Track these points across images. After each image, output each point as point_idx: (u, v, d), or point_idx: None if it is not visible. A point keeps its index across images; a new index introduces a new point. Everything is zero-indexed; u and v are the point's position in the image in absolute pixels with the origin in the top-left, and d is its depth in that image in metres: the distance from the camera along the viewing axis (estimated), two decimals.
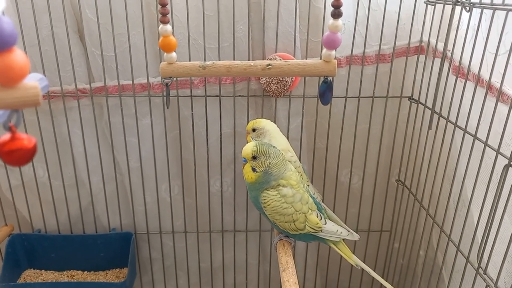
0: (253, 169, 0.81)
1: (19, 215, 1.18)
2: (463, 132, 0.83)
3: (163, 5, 0.69)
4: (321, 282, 1.31)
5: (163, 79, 0.75)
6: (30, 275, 1.17)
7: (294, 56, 1.02)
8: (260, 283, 1.29)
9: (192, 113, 1.07)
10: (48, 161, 1.10)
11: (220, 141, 1.09)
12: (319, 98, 0.75)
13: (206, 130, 1.08)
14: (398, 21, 0.98)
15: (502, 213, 0.72)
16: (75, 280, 1.17)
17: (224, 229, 1.21)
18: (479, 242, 0.78)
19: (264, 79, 1.03)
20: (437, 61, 0.93)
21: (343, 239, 0.89)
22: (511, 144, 0.71)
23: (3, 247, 1.13)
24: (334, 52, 0.68)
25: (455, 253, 0.88)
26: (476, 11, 0.79)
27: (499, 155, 0.73)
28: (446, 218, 0.93)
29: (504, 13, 0.70)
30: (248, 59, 1.02)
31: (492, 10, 0.73)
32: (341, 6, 0.63)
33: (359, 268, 0.89)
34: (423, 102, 1.00)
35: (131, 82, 1.03)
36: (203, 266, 1.26)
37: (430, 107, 0.95)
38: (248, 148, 0.81)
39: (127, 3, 0.95)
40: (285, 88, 1.03)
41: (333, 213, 0.92)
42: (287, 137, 1.03)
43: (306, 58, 1.04)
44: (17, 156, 0.34)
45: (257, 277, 1.28)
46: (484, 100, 0.76)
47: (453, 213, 0.89)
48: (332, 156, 1.12)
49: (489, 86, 0.75)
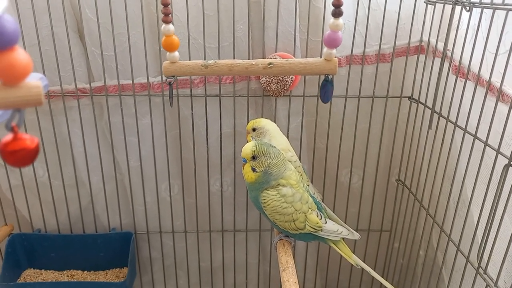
0: (253, 169, 0.81)
1: (19, 215, 1.18)
2: (463, 131, 0.83)
3: (165, 5, 0.69)
4: (321, 282, 1.31)
5: (166, 78, 0.75)
6: (30, 274, 1.17)
7: (294, 56, 1.02)
8: (260, 282, 1.29)
9: (192, 113, 1.07)
10: (48, 161, 1.10)
11: (220, 140, 1.09)
12: (319, 96, 0.75)
13: (206, 129, 1.08)
14: (398, 20, 0.98)
15: (502, 213, 0.72)
16: (75, 280, 1.17)
17: (224, 229, 1.21)
18: (479, 242, 0.78)
19: (264, 78, 1.03)
20: (437, 60, 0.93)
21: (343, 239, 0.89)
22: (511, 143, 0.71)
23: (3, 246, 1.13)
24: (335, 50, 0.68)
25: (455, 252, 0.88)
26: (476, 11, 0.79)
27: (499, 154, 0.73)
28: (446, 217, 0.93)
29: (504, 12, 0.70)
30: (248, 59, 1.02)
31: (492, 10, 0.73)
32: (341, 5, 0.63)
33: (359, 267, 0.88)
34: (423, 102, 1.00)
35: (131, 81, 1.03)
36: (203, 266, 1.26)
37: (430, 106, 0.95)
38: (248, 148, 0.80)
39: (127, 3, 0.95)
40: (285, 88, 1.03)
41: (333, 213, 0.91)
42: (287, 137, 1.03)
43: (306, 58, 1.03)
44: (19, 157, 0.34)
45: (257, 276, 1.28)
46: (484, 99, 0.76)
47: (453, 212, 0.89)
48: (332, 156, 1.12)
49: (489, 86, 0.75)
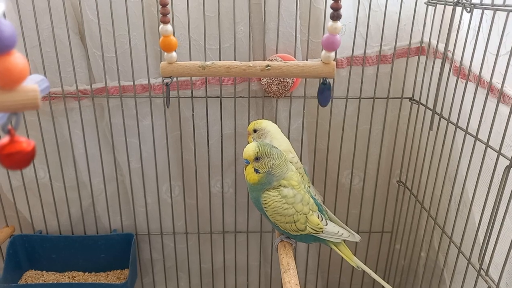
0: (256, 171, 0.80)
1: (20, 216, 1.18)
2: (464, 133, 0.83)
3: (164, 5, 0.69)
4: (322, 283, 1.31)
5: (163, 79, 0.75)
6: (31, 276, 1.17)
7: (295, 57, 1.02)
8: (261, 284, 1.29)
9: (193, 114, 1.07)
10: (49, 162, 1.10)
11: (221, 142, 1.09)
12: (317, 100, 0.74)
13: (207, 131, 1.08)
14: (398, 22, 0.98)
15: (504, 214, 0.72)
16: (76, 281, 1.17)
17: (225, 230, 1.21)
18: (481, 244, 0.78)
19: (264, 80, 1.03)
20: (438, 62, 0.93)
21: (344, 240, 0.88)
22: None
23: (4, 248, 1.13)
24: (333, 54, 0.67)
25: (457, 254, 0.87)
26: (476, 12, 0.79)
27: (500, 156, 0.72)
28: (448, 219, 0.93)
29: (505, 14, 0.70)
30: (249, 60, 1.02)
31: (492, 11, 0.73)
32: (340, 8, 0.62)
33: (360, 269, 0.88)
34: (424, 103, 1.00)
35: (132, 83, 1.03)
36: (204, 267, 1.26)
37: (431, 108, 0.95)
38: (250, 149, 0.80)
39: (128, 4, 0.95)
40: (286, 89, 1.03)
41: (334, 214, 0.91)
42: (288, 138, 1.03)
43: (306, 59, 1.04)
44: (16, 160, 0.34)
45: (258, 278, 1.28)
46: (485, 101, 0.76)
47: (454, 214, 0.89)
48: (333, 157, 1.12)
49: (490, 87, 0.75)
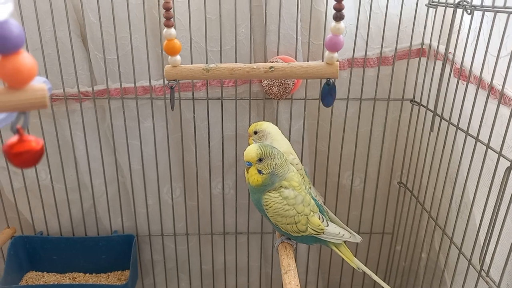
0: (259, 172, 0.80)
1: (21, 218, 1.18)
2: (465, 134, 0.83)
3: (167, 9, 0.69)
4: (322, 284, 1.31)
5: (167, 82, 0.76)
6: (32, 277, 1.17)
7: (296, 59, 1.02)
8: (262, 285, 1.29)
9: (194, 116, 1.07)
10: (51, 164, 1.10)
11: (222, 143, 1.10)
12: (321, 100, 0.75)
13: (208, 132, 1.08)
14: (399, 24, 0.98)
15: (505, 215, 0.72)
16: (77, 282, 1.17)
17: (225, 232, 1.21)
18: (481, 245, 0.78)
19: (265, 81, 1.03)
20: (439, 63, 0.93)
21: (345, 242, 0.88)
22: None
23: (6, 249, 1.13)
24: (336, 54, 0.68)
25: (457, 255, 0.87)
26: (477, 14, 0.79)
27: (501, 157, 0.73)
28: (448, 220, 0.93)
29: (506, 15, 0.70)
30: (250, 62, 1.02)
31: (493, 13, 0.73)
32: (342, 9, 0.63)
33: (360, 271, 0.88)
34: (425, 105, 1.00)
35: (133, 85, 1.04)
36: (205, 269, 1.26)
37: (432, 109, 0.95)
38: (252, 151, 0.79)
39: (130, 6, 0.96)
40: (287, 91, 1.03)
41: (335, 215, 0.91)
42: (289, 140, 1.03)
43: (307, 61, 1.04)
44: (25, 158, 0.34)
45: (258, 279, 1.28)
46: (486, 102, 0.76)
47: (455, 215, 0.89)
48: (334, 159, 1.12)
49: (490, 89, 0.75)
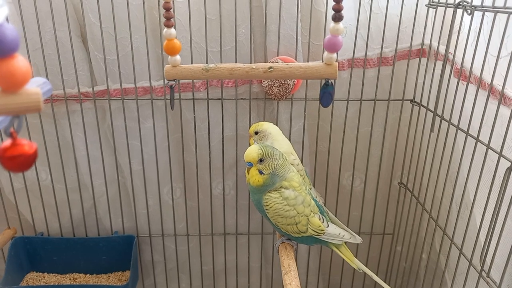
0: (260, 172, 0.80)
1: (22, 218, 1.18)
2: (465, 134, 0.83)
3: (167, 9, 0.69)
4: (323, 285, 1.31)
5: (167, 82, 0.76)
6: (32, 278, 1.17)
7: (296, 59, 1.02)
8: (262, 286, 1.29)
9: (194, 116, 1.07)
10: (51, 164, 1.11)
11: (222, 144, 1.09)
12: (319, 101, 0.75)
13: (208, 133, 1.08)
14: (399, 24, 0.98)
15: (505, 215, 0.72)
16: (78, 283, 1.17)
17: (226, 232, 1.21)
18: (482, 245, 0.78)
19: (266, 82, 1.03)
20: (439, 63, 0.93)
21: (345, 242, 0.88)
22: None
23: (6, 250, 1.13)
24: (335, 55, 0.68)
25: (458, 256, 0.87)
26: (477, 14, 0.79)
27: (501, 157, 0.72)
28: (449, 221, 0.93)
29: (506, 16, 0.70)
30: (250, 62, 1.02)
31: (493, 13, 0.73)
32: (341, 9, 0.63)
33: (361, 271, 0.88)
34: (425, 105, 1.00)
35: (133, 85, 1.04)
36: (205, 269, 1.26)
37: (432, 109, 0.95)
38: (253, 151, 0.80)
39: (130, 7, 0.96)
40: (287, 91, 1.03)
41: (335, 216, 0.91)
42: (289, 140, 1.03)
43: (308, 61, 1.04)
44: (18, 162, 0.34)
45: (259, 280, 1.28)
46: (486, 102, 0.76)
47: (455, 216, 0.89)
48: (334, 159, 1.12)
49: (491, 89, 0.75)
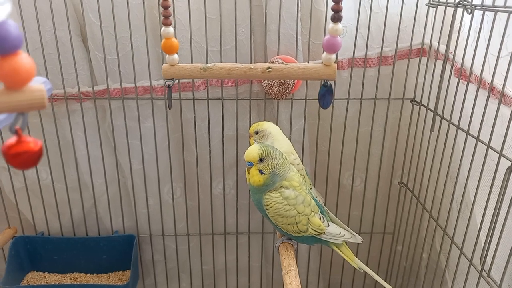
0: (261, 172, 0.80)
1: (22, 218, 1.18)
2: (465, 134, 0.83)
3: (166, 7, 0.69)
4: (323, 285, 1.31)
5: (165, 81, 0.76)
6: (33, 277, 1.17)
7: (296, 59, 1.02)
8: (262, 285, 1.29)
9: (194, 116, 1.07)
10: (51, 164, 1.11)
11: (223, 143, 1.10)
12: (319, 102, 0.75)
13: (209, 132, 1.08)
14: (399, 23, 0.98)
15: (506, 215, 0.72)
16: (78, 283, 1.17)
17: (226, 232, 1.21)
18: (482, 245, 0.78)
19: (266, 81, 1.03)
20: (439, 63, 0.93)
21: (345, 242, 0.88)
22: None
23: (7, 249, 1.13)
24: (334, 55, 0.68)
25: (458, 255, 0.87)
26: (477, 13, 0.79)
27: (501, 157, 0.72)
28: (449, 220, 0.93)
29: (506, 15, 0.70)
30: (250, 62, 1.02)
31: (493, 12, 0.73)
32: (340, 10, 0.62)
33: (361, 271, 0.88)
34: (426, 104, 1.00)
35: (133, 85, 1.04)
36: (205, 269, 1.26)
37: (433, 109, 0.95)
38: (254, 151, 0.80)
39: (130, 6, 0.96)
40: (287, 91, 1.03)
41: (336, 215, 0.91)
42: (289, 140, 1.03)
43: (308, 61, 1.04)
44: (23, 159, 0.34)
45: (259, 279, 1.28)
46: (487, 102, 0.76)
47: (456, 215, 0.89)
48: (334, 159, 1.12)
49: (491, 88, 0.75)
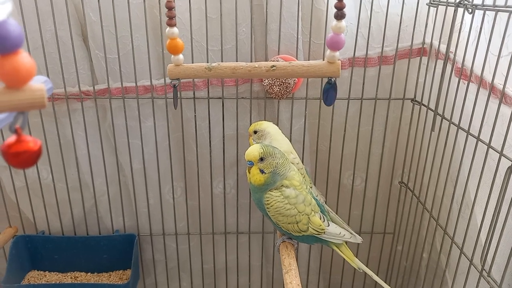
0: (261, 171, 0.80)
1: (23, 217, 1.18)
2: (466, 134, 0.83)
3: (170, 8, 0.69)
4: (324, 284, 1.31)
5: (170, 81, 0.76)
6: (34, 276, 1.17)
7: (297, 58, 1.02)
8: (263, 285, 1.29)
9: (195, 115, 1.07)
10: (52, 163, 1.11)
11: (223, 143, 1.10)
12: (322, 99, 0.75)
13: (209, 132, 1.08)
14: (400, 23, 0.98)
15: (506, 215, 0.72)
16: (79, 282, 1.17)
17: (227, 231, 1.21)
18: (483, 245, 0.78)
19: (266, 81, 1.03)
20: (440, 63, 0.93)
21: (345, 242, 0.88)
22: None
23: (7, 248, 1.13)
24: (338, 53, 0.68)
25: (459, 255, 0.87)
26: (478, 13, 0.79)
27: (502, 157, 0.72)
28: (449, 220, 0.93)
29: (507, 14, 0.70)
30: (251, 61, 1.02)
31: (494, 12, 0.73)
32: (344, 7, 0.63)
33: (361, 271, 0.88)
34: (426, 104, 1.00)
35: (134, 84, 1.04)
36: (206, 268, 1.27)
37: (433, 109, 0.95)
38: (254, 150, 0.80)
39: (130, 6, 0.96)
40: (288, 90, 1.03)
41: (336, 215, 0.91)
42: (290, 139, 1.03)
43: (308, 60, 1.04)
44: (22, 159, 0.34)
45: (260, 279, 1.28)
46: (487, 102, 0.76)
47: (456, 215, 0.89)
48: (335, 158, 1.12)
49: (491, 88, 0.75)
